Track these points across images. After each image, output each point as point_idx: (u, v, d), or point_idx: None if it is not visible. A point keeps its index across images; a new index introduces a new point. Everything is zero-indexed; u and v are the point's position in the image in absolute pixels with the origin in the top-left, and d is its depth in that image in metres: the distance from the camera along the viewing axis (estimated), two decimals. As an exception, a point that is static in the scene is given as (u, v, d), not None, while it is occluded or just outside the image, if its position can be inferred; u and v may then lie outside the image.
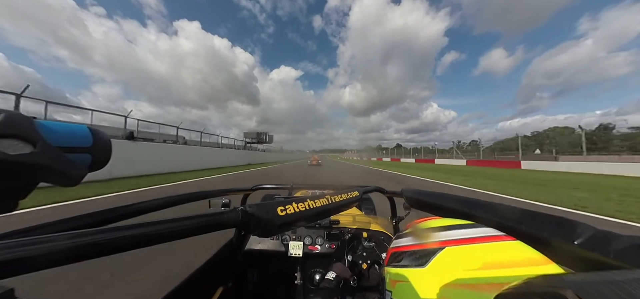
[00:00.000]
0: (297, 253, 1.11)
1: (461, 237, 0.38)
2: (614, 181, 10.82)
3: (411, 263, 0.40)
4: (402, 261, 0.42)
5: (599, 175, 14.47)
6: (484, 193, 7.54)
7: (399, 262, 0.43)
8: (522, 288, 0.23)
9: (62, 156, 0.26)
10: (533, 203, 5.96)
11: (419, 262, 0.38)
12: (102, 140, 0.31)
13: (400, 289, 0.39)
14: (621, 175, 13.95)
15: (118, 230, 0.24)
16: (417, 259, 0.39)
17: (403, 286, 0.39)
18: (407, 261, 0.41)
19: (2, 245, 0.19)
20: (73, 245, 0.21)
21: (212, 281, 0.99)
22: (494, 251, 0.35)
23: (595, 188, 8.57)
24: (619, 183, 10.23)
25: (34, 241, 0.20)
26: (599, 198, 6.50)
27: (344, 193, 0.53)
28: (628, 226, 4.06)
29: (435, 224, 0.45)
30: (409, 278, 0.38)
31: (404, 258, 0.42)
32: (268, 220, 0.36)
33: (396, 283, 0.40)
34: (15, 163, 0.22)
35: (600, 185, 9.56)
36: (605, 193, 7.25)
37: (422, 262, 0.38)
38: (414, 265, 0.39)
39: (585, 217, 4.58)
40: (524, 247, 0.35)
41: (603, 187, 8.76)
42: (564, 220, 0.39)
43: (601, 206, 5.38)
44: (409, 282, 0.38)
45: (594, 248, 0.32)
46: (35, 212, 4.34)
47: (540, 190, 8.17)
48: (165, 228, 0.27)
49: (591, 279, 0.19)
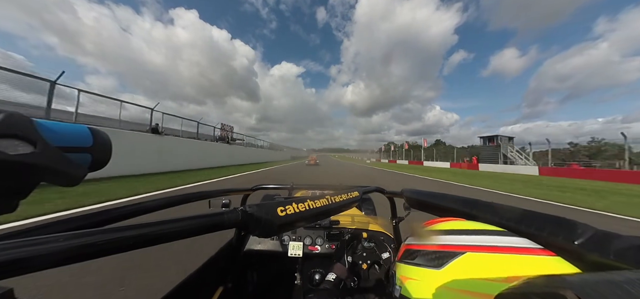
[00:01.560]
0: (297, 254, 1.11)
1: (486, 244, 0.36)
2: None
3: (426, 262, 0.38)
4: (415, 259, 0.40)
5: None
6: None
7: (412, 260, 0.40)
8: (522, 288, 0.23)
9: (62, 156, 0.26)
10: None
11: (434, 263, 0.36)
12: (103, 140, 0.32)
13: (410, 287, 0.37)
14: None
15: (118, 230, 0.24)
16: (433, 260, 0.37)
17: (413, 284, 0.37)
18: (421, 261, 0.39)
19: (2, 245, 0.19)
20: (73, 245, 0.21)
21: (212, 281, 0.99)
22: (527, 265, 0.32)
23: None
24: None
25: (34, 242, 0.20)
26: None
27: (344, 193, 0.53)
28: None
29: (457, 226, 0.42)
30: (421, 278, 0.37)
31: (418, 256, 0.40)
32: (268, 220, 0.36)
33: (406, 280, 0.39)
34: (15, 163, 0.22)
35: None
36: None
37: (438, 264, 0.36)
38: (428, 265, 0.37)
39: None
40: (564, 264, 0.31)
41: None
42: (564, 219, 0.39)
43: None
44: (421, 281, 0.36)
45: (594, 248, 0.32)
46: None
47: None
48: (165, 229, 0.27)
49: (591, 279, 0.19)
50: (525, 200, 7.59)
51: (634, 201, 7.39)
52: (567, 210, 6.17)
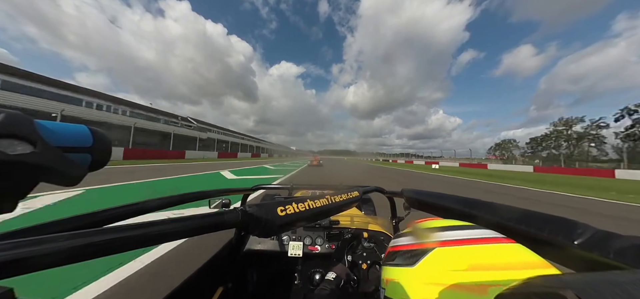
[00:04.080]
0: (297, 253, 1.11)
1: (453, 238, 0.38)
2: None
3: (403, 262, 0.40)
4: (395, 259, 0.43)
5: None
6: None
7: (393, 261, 0.43)
8: (521, 288, 0.23)
9: (62, 156, 0.26)
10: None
11: (409, 261, 0.38)
12: (102, 140, 0.31)
13: (392, 287, 0.39)
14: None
15: (118, 230, 0.24)
16: (409, 258, 0.39)
17: (394, 284, 0.39)
18: (399, 260, 0.41)
19: (2, 245, 0.19)
20: (73, 245, 0.21)
21: (212, 281, 0.99)
22: (488, 253, 0.35)
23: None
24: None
25: (34, 241, 0.20)
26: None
27: (344, 193, 0.53)
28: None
29: (434, 224, 0.45)
30: (399, 277, 0.39)
31: (397, 256, 0.43)
32: (268, 220, 0.36)
33: (389, 281, 0.41)
34: (15, 163, 0.22)
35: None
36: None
37: (412, 262, 0.38)
38: (404, 264, 0.39)
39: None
40: (523, 250, 0.34)
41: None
42: (564, 219, 0.39)
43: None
44: (399, 280, 0.38)
45: (594, 248, 0.32)
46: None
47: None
48: (165, 229, 0.27)
49: (591, 279, 0.19)
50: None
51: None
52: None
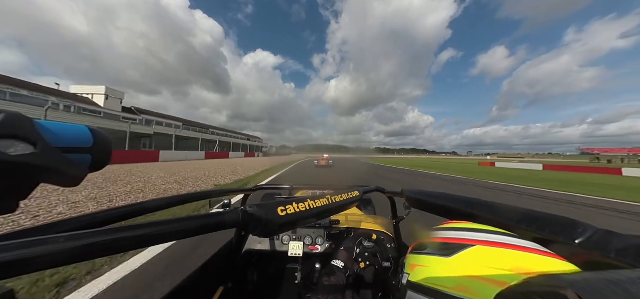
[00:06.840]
0: (297, 253, 1.11)
1: (496, 241, 0.38)
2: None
3: (435, 252, 0.41)
4: (425, 249, 0.43)
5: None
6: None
7: (423, 250, 0.44)
8: (522, 287, 0.23)
9: (62, 157, 0.26)
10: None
11: (444, 252, 0.39)
12: (103, 140, 0.31)
13: (419, 272, 0.40)
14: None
15: (118, 230, 0.24)
16: (443, 250, 0.40)
17: (422, 269, 0.40)
18: (431, 250, 0.42)
19: (2, 246, 0.19)
20: (73, 245, 0.21)
21: (212, 281, 1.00)
22: (531, 262, 0.33)
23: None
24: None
25: (34, 242, 0.20)
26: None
27: (344, 193, 0.53)
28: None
29: (467, 225, 0.45)
30: (430, 264, 0.39)
31: (429, 247, 0.43)
32: (268, 220, 0.36)
33: (415, 267, 0.42)
34: (15, 163, 0.22)
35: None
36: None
37: (448, 253, 0.38)
38: (438, 254, 0.40)
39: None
40: (564, 265, 0.32)
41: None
42: (565, 219, 0.39)
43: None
44: (429, 267, 0.39)
45: (595, 247, 0.32)
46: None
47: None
48: (165, 229, 0.27)
49: (591, 278, 0.19)
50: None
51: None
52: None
